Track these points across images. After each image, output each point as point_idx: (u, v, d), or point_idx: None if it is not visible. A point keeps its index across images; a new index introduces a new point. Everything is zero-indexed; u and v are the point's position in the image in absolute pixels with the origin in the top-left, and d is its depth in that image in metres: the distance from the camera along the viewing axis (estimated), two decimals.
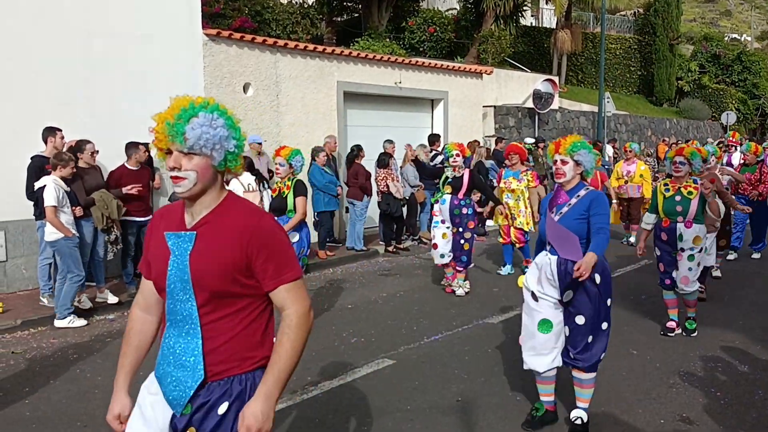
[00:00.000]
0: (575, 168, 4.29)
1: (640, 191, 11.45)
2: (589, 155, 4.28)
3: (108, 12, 8.93)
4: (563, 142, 4.32)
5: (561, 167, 4.29)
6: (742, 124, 31.59)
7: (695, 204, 6.20)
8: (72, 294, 7.07)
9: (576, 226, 4.23)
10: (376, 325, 7.10)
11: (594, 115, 20.54)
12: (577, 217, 4.25)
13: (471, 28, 20.66)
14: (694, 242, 6.26)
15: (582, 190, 4.31)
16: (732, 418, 4.67)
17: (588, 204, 4.25)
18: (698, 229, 6.28)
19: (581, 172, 4.33)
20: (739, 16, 72.20)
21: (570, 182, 4.33)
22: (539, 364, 4.36)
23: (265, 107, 11.01)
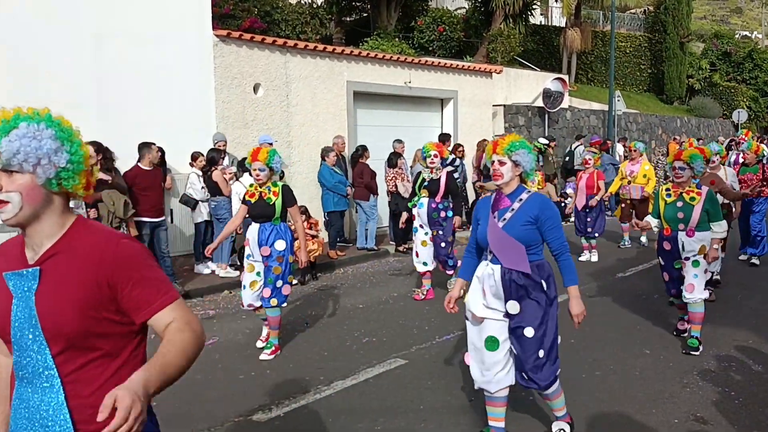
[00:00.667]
0: (514, 169, 4.00)
1: (642, 192, 10.99)
2: (528, 155, 4.01)
3: (119, 13, 8.99)
4: (501, 141, 4.04)
5: (498, 168, 4.00)
6: (753, 122, 31.37)
7: (698, 211, 5.86)
8: None
9: (522, 233, 3.95)
10: (388, 324, 7.11)
11: (604, 113, 20.46)
12: (523, 223, 3.96)
13: (480, 27, 20.64)
14: (699, 252, 5.93)
15: (524, 194, 4.04)
16: (746, 418, 4.64)
17: (537, 211, 3.95)
18: (702, 237, 5.92)
19: (520, 173, 4.04)
20: (750, 14, 71.71)
21: (509, 184, 4.03)
22: (489, 383, 4.06)
23: (275, 107, 11.04)
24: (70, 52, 8.54)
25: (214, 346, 6.41)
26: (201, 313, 7.72)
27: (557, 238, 3.97)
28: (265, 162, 5.83)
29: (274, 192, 5.96)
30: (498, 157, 4.00)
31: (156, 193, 8.15)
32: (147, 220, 8.06)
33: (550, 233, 3.96)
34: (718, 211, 5.95)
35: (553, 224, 3.96)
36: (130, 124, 8.90)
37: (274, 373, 5.67)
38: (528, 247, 3.95)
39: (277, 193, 5.96)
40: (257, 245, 5.97)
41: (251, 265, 6.08)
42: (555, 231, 3.97)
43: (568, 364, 5.71)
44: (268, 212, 5.94)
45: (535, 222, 3.94)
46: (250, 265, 6.08)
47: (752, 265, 9.68)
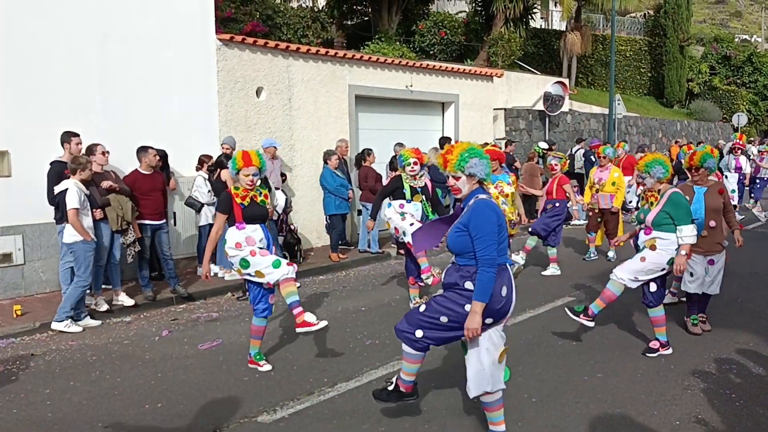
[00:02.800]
0: (469, 180, 3.99)
1: (612, 201, 10.38)
2: (481, 163, 3.94)
3: (123, 17, 9.04)
4: (450, 158, 3.97)
5: (454, 183, 4.00)
6: (753, 126, 31.46)
7: (654, 212, 5.94)
8: (74, 298, 7.12)
9: (453, 240, 3.97)
10: (390, 327, 7.10)
11: (604, 117, 20.52)
12: (456, 230, 3.96)
13: (481, 31, 20.71)
14: (646, 244, 6.00)
15: (472, 200, 3.98)
16: (747, 420, 4.68)
17: (467, 219, 3.91)
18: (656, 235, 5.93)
19: (478, 180, 4.01)
20: (750, 17, 71.83)
21: (466, 194, 4.04)
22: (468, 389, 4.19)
23: (278, 111, 11.09)
24: (75, 55, 8.59)
25: (217, 348, 6.45)
26: (204, 315, 7.76)
27: (479, 249, 3.85)
28: (259, 166, 5.69)
29: (264, 195, 5.88)
30: (451, 173, 3.98)
31: (156, 196, 8.18)
32: (148, 223, 8.09)
33: (475, 243, 3.87)
34: (683, 214, 5.83)
35: (478, 234, 3.84)
36: (133, 126, 8.96)
37: (278, 375, 5.70)
38: (462, 254, 3.96)
39: (266, 195, 5.92)
40: (266, 245, 5.75)
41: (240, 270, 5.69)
42: (479, 241, 3.85)
43: (571, 367, 5.77)
44: (264, 213, 5.84)
45: (466, 230, 3.89)
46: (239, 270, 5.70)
47: None
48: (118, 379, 5.66)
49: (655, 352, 6.08)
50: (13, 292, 8.24)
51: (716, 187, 6.82)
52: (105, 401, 5.18)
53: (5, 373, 5.90)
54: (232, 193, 5.70)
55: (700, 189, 6.77)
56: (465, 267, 3.96)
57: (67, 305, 7.12)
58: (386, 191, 7.70)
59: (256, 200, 5.78)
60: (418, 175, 7.54)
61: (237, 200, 5.69)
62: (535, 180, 14.03)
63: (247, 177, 5.66)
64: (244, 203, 5.72)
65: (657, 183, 6.04)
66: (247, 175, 5.65)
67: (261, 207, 5.81)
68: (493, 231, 3.85)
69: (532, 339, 6.62)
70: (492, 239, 3.84)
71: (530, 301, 8.12)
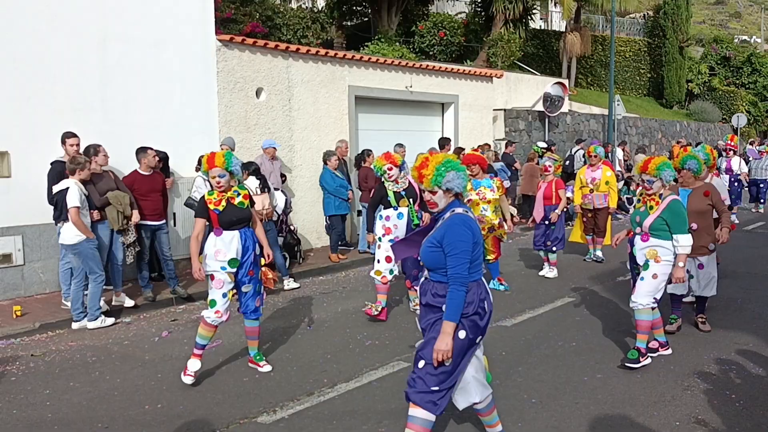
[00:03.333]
0: (446, 195, 3.79)
1: (606, 201, 10.27)
2: (458, 176, 3.74)
3: (123, 18, 9.04)
4: (425, 173, 3.75)
5: (431, 198, 3.80)
6: (753, 127, 31.47)
7: (652, 217, 5.74)
8: (98, 295, 7.21)
9: (426, 255, 3.80)
10: (390, 327, 7.14)
11: (604, 117, 20.53)
12: (430, 244, 3.78)
13: (480, 32, 20.73)
14: (647, 255, 5.78)
15: (447, 213, 3.79)
16: (747, 421, 4.68)
17: (441, 234, 3.72)
18: (656, 243, 5.75)
19: (455, 193, 3.81)
20: (749, 18, 71.88)
21: (443, 208, 3.84)
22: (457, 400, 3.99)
23: (278, 112, 11.10)
24: (75, 56, 8.59)
25: (217, 349, 6.45)
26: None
27: (451, 266, 3.67)
28: (223, 167, 5.44)
29: (244, 195, 5.62)
30: (427, 189, 3.80)
31: (155, 196, 8.18)
32: (147, 224, 8.09)
33: (447, 259, 3.68)
34: (679, 223, 5.67)
35: (451, 251, 3.65)
36: (134, 127, 8.96)
37: (278, 375, 5.71)
38: (435, 269, 3.79)
39: (247, 196, 5.65)
40: (241, 253, 5.54)
41: (230, 275, 5.53)
42: (451, 258, 3.66)
43: (570, 367, 5.77)
44: (244, 216, 5.59)
45: (440, 246, 3.71)
46: (230, 275, 5.53)
47: None
48: (118, 379, 5.66)
49: (655, 352, 6.02)
50: (12, 292, 8.24)
51: (702, 189, 6.67)
52: (105, 402, 5.18)
53: (5, 373, 5.89)
54: (206, 198, 5.53)
55: (685, 191, 6.64)
56: (439, 285, 3.79)
57: (96, 303, 7.20)
58: (375, 202, 7.59)
59: (233, 202, 5.54)
60: (398, 178, 7.35)
61: (210, 206, 5.49)
62: (535, 181, 14.03)
63: (213, 179, 5.47)
64: (218, 208, 5.48)
65: (662, 187, 5.80)
66: (213, 177, 5.47)
67: (239, 210, 5.56)
68: (466, 249, 3.67)
69: (531, 340, 6.63)
70: (465, 257, 3.66)
71: (530, 301, 8.12)
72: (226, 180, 5.50)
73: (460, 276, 3.65)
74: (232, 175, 5.57)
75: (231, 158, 5.49)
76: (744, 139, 28.09)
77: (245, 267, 5.60)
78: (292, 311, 7.91)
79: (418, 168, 3.78)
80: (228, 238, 5.51)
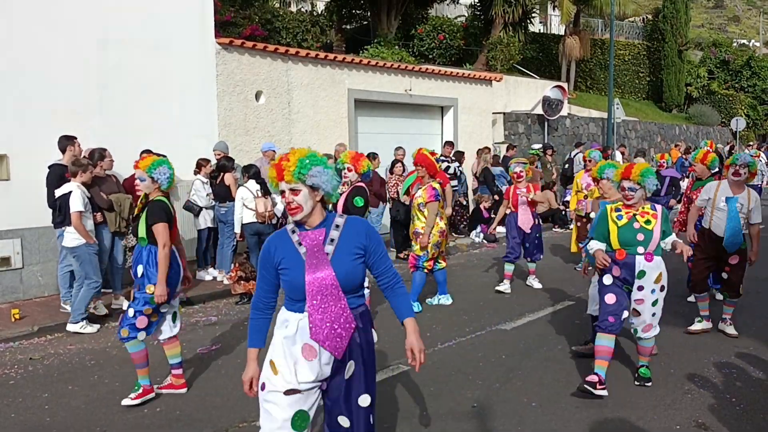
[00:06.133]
0: (312, 195, 3.08)
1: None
2: (326, 173, 3.09)
3: (122, 21, 9.04)
4: (287, 165, 3.07)
5: (292, 199, 3.06)
6: (751, 130, 31.52)
7: (658, 233, 5.14)
8: (87, 299, 7.16)
9: (352, 269, 3.09)
10: (389, 331, 7.11)
11: (603, 121, 20.54)
12: (353, 257, 3.10)
13: (480, 35, 20.75)
14: (655, 280, 5.17)
15: (338, 218, 3.16)
16: (747, 425, 4.67)
17: (364, 239, 3.13)
18: (659, 263, 5.20)
19: (322, 197, 3.14)
20: (747, 22, 71.99)
21: (312, 215, 3.10)
22: None
23: (277, 115, 11.10)
24: (74, 59, 8.59)
25: (216, 352, 6.43)
26: (203, 319, 7.74)
27: (390, 267, 3.24)
28: (146, 171, 5.04)
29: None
30: (288, 186, 3.07)
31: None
32: None
33: (382, 263, 3.20)
34: (670, 228, 5.27)
35: (383, 251, 3.21)
36: (132, 130, 8.96)
37: None
38: (355, 290, 3.13)
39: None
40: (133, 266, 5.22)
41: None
42: (386, 259, 3.21)
43: (570, 371, 5.76)
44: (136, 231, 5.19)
45: (364, 253, 3.13)
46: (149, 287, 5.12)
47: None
48: (117, 383, 5.64)
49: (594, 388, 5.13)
50: (11, 295, 8.22)
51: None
52: (104, 405, 5.16)
53: (3, 377, 5.88)
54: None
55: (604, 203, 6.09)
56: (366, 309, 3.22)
57: (81, 306, 7.14)
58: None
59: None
60: (348, 184, 6.72)
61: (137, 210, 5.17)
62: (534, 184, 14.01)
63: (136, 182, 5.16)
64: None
65: (642, 198, 5.23)
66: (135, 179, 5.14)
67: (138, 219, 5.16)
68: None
69: (531, 343, 6.61)
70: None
71: (529, 305, 8.12)
72: (145, 185, 5.10)
73: (398, 273, 3.30)
74: (154, 182, 5.10)
75: (158, 165, 5.05)
76: (743, 142, 28.13)
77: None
78: None
79: (275, 164, 3.12)
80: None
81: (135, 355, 5.14)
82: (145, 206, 5.17)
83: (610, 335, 5.19)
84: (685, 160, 17.20)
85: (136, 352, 5.13)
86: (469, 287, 9.24)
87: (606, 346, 5.19)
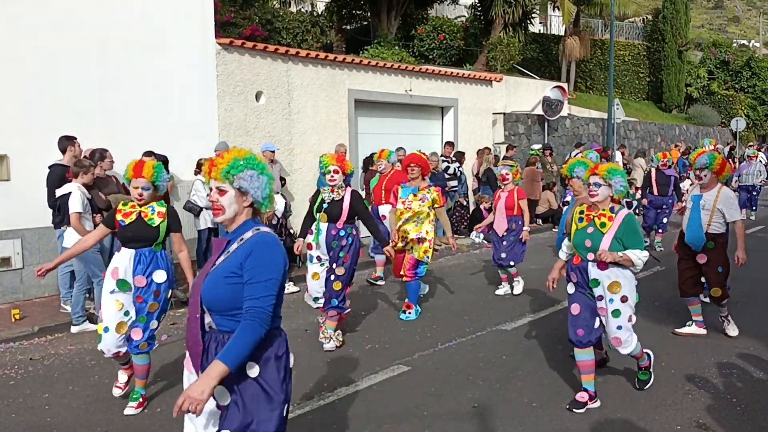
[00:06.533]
0: (238, 199, 2.87)
1: None
2: (258, 180, 2.87)
3: (123, 22, 9.04)
4: (219, 162, 2.87)
5: (216, 199, 2.87)
6: (751, 131, 31.52)
7: (607, 240, 4.76)
8: (99, 299, 7.17)
9: (222, 288, 2.76)
10: (390, 331, 7.13)
11: (603, 121, 20.54)
12: (227, 274, 2.77)
13: (480, 36, 20.75)
14: (609, 289, 4.83)
15: (249, 232, 2.85)
16: (748, 425, 4.67)
17: (244, 256, 2.76)
18: (617, 272, 4.82)
19: (251, 204, 2.90)
20: (747, 22, 72.02)
21: (234, 221, 2.89)
22: None
23: (277, 115, 11.09)
24: (75, 59, 8.59)
25: None
26: None
27: (257, 297, 2.71)
28: (151, 179, 4.92)
29: (159, 213, 5.00)
30: (216, 184, 2.88)
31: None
32: None
33: (249, 288, 2.72)
34: (636, 241, 4.79)
35: (256, 276, 2.73)
36: (133, 131, 8.96)
37: None
38: (230, 311, 2.78)
39: (163, 215, 5.00)
40: (131, 275, 4.94)
41: (119, 302, 4.92)
42: (255, 287, 2.72)
43: (570, 371, 5.75)
44: (150, 236, 4.97)
45: (240, 273, 2.76)
46: (118, 302, 4.92)
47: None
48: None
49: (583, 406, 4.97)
50: (11, 296, 8.22)
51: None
52: (104, 406, 5.16)
53: (4, 377, 5.88)
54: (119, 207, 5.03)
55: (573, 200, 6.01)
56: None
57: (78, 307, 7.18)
58: (310, 207, 6.69)
59: (144, 218, 4.97)
60: (337, 186, 6.44)
61: (118, 216, 4.97)
62: (535, 185, 14.04)
63: (136, 190, 4.92)
64: (125, 220, 4.95)
65: (607, 197, 4.90)
66: (135, 187, 4.92)
67: (145, 227, 4.96)
68: (276, 278, 2.77)
69: (531, 344, 6.61)
70: (275, 288, 2.76)
71: (530, 306, 8.11)
72: (149, 194, 4.97)
73: (263, 311, 2.71)
74: (157, 190, 5.04)
75: (161, 172, 4.98)
76: (743, 143, 28.14)
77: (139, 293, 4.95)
78: (290, 315, 7.89)
79: (211, 161, 2.93)
80: (125, 256, 4.96)
81: (143, 367, 5.08)
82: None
83: (586, 348, 4.95)
84: (686, 161, 17.22)
85: (145, 364, 5.08)
86: (469, 288, 9.24)
87: (586, 360, 4.97)
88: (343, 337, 6.68)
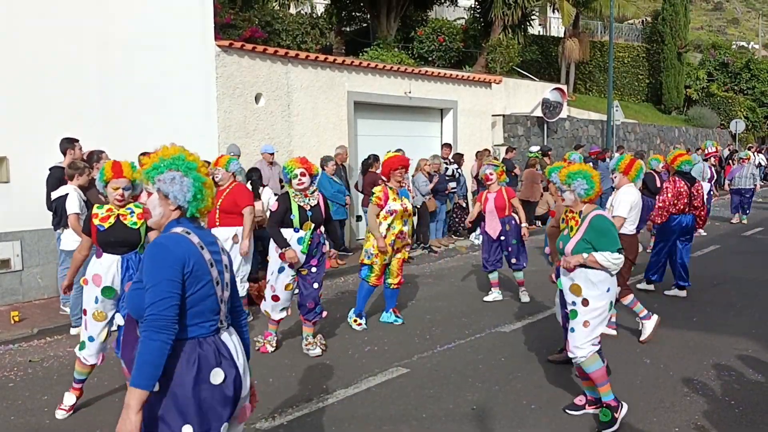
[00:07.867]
0: (162, 202, 2.74)
1: None
2: (178, 182, 2.69)
3: (122, 24, 9.05)
4: (145, 162, 2.80)
5: (145, 201, 2.81)
6: (751, 132, 31.54)
7: (572, 243, 4.65)
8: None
9: (138, 301, 2.62)
10: (389, 333, 7.14)
11: (603, 123, 20.57)
12: (137, 282, 2.71)
13: (479, 38, 20.78)
14: (571, 290, 4.69)
15: (162, 236, 2.71)
16: (746, 427, 4.68)
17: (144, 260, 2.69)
18: (581, 275, 4.63)
19: (177, 206, 2.74)
20: (747, 24, 72.05)
21: (161, 222, 2.78)
22: None
23: (277, 117, 11.11)
24: (74, 61, 8.59)
25: None
26: None
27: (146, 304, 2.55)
28: (131, 179, 4.81)
29: (139, 215, 4.82)
30: (145, 185, 2.82)
31: None
32: None
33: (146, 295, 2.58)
34: (609, 242, 4.57)
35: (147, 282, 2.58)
36: (132, 132, 8.95)
37: (276, 381, 5.69)
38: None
39: (143, 216, 4.74)
40: (119, 282, 4.81)
41: (102, 314, 4.86)
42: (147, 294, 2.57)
43: (569, 373, 5.76)
44: (132, 239, 4.83)
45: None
46: (101, 314, 4.85)
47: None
48: (117, 385, 5.64)
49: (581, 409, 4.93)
50: (11, 298, 8.23)
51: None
52: (103, 408, 5.17)
53: (3, 379, 5.88)
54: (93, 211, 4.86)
55: None
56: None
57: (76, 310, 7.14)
58: (277, 217, 6.21)
59: (124, 221, 4.82)
60: (308, 190, 6.19)
61: (95, 221, 4.80)
62: (535, 187, 14.04)
63: (116, 191, 4.79)
64: (104, 225, 4.78)
65: (579, 202, 4.72)
66: (116, 188, 4.79)
67: (128, 230, 4.81)
68: (172, 280, 2.56)
69: (531, 345, 6.62)
70: (169, 290, 2.55)
71: (528, 308, 8.12)
72: (129, 194, 4.87)
73: (157, 317, 2.52)
74: (134, 189, 4.92)
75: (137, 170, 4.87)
76: (742, 145, 28.16)
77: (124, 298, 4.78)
78: (289, 317, 7.89)
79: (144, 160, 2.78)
80: (107, 263, 4.82)
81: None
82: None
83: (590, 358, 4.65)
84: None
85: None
86: (467, 290, 9.25)
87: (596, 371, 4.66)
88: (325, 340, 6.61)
